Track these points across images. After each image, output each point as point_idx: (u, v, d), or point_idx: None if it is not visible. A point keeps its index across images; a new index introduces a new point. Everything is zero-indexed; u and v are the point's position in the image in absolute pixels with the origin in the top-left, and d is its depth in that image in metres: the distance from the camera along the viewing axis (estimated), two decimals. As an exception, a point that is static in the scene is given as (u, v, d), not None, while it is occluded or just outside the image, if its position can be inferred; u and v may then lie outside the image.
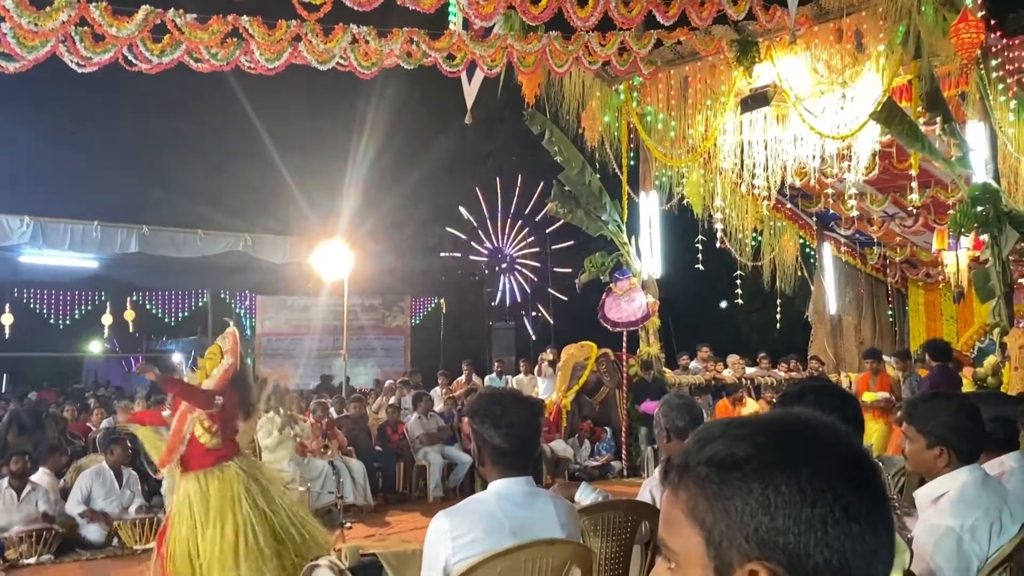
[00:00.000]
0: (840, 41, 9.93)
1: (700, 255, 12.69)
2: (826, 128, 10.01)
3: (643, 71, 11.08)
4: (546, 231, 23.76)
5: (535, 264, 24.51)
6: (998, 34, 9.22)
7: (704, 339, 13.80)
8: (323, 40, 8.03)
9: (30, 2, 6.64)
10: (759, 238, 14.27)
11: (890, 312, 16.98)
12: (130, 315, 17.87)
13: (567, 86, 11.37)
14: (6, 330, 16.75)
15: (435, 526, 2.56)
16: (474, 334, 23.24)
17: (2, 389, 20.16)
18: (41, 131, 20.55)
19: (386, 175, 21.32)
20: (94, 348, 23.95)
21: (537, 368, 13.37)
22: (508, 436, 2.61)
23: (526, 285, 24.65)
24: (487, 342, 22.76)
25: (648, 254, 12.22)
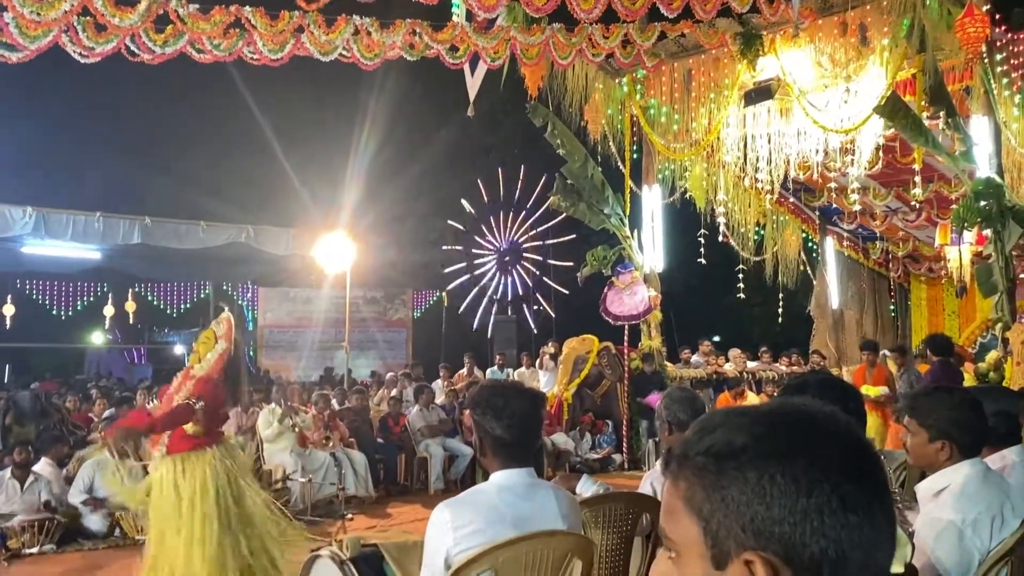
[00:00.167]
0: (844, 35, 9.90)
1: (702, 249, 12.69)
2: (829, 122, 9.99)
3: (647, 64, 11.06)
4: (548, 224, 23.72)
5: (537, 257, 24.47)
6: (1003, 28, 9.17)
7: (706, 333, 13.81)
8: (325, 31, 8.02)
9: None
10: (762, 232, 14.25)
11: (892, 307, 16.96)
12: (131, 306, 17.87)
13: (570, 79, 11.35)
14: (7, 321, 16.78)
15: (436, 517, 2.56)
16: (476, 327, 23.25)
17: (4, 380, 20.20)
18: (44, 122, 20.54)
19: (388, 168, 21.29)
20: (96, 339, 24.00)
21: (538, 361, 13.38)
22: (510, 427, 2.61)
23: (528, 278, 24.62)
24: (488, 335, 22.76)
25: (650, 248, 12.21)
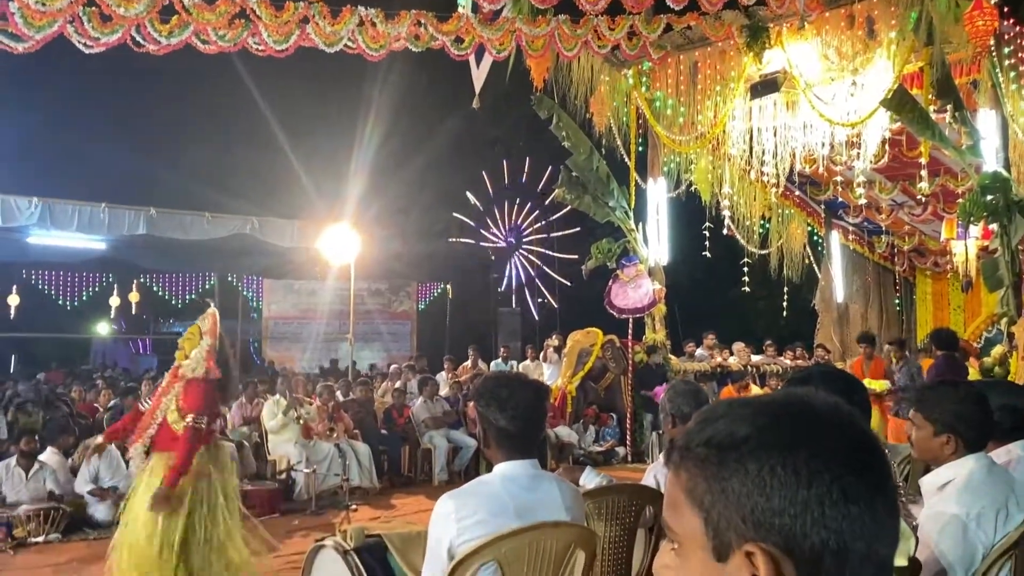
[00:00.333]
0: (851, 27, 9.85)
1: (707, 242, 12.67)
2: (836, 115, 9.95)
3: (652, 56, 11.01)
4: (553, 217, 23.71)
5: (541, 250, 24.47)
6: (1011, 21, 9.11)
7: (710, 326, 13.79)
8: (330, 22, 8.00)
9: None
10: (767, 225, 14.23)
11: (897, 301, 16.93)
12: (135, 297, 17.92)
13: (575, 71, 11.31)
14: (12, 311, 16.84)
15: (440, 508, 2.56)
16: (480, 319, 23.25)
17: (10, 370, 20.27)
18: (49, 112, 20.54)
19: (392, 160, 21.29)
20: (101, 329, 24.04)
21: (543, 354, 13.39)
22: (514, 419, 2.61)
23: (532, 271, 24.62)
24: (493, 328, 22.77)
25: (655, 241, 12.19)
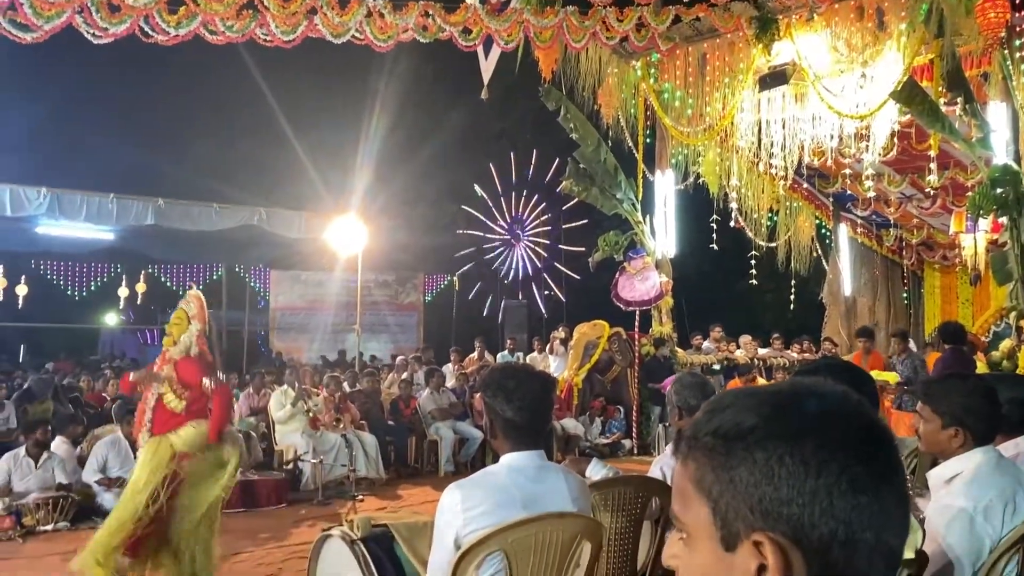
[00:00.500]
0: (861, 19, 9.79)
1: (715, 235, 12.63)
2: (845, 107, 9.90)
3: (661, 47, 10.97)
4: (560, 209, 23.68)
5: (548, 242, 24.45)
6: (1023, 13, 9.06)
7: (717, 319, 13.76)
8: (338, 13, 7.99)
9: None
10: (775, 218, 14.17)
11: (905, 294, 16.86)
12: (141, 287, 17.96)
13: (583, 62, 11.27)
14: (21, 301, 16.90)
15: (447, 498, 2.57)
16: (487, 311, 23.29)
17: (19, 360, 20.38)
18: (58, 103, 20.61)
19: (399, 151, 21.30)
20: (109, 320, 24.14)
21: (549, 346, 13.38)
22: (520, 410, 2.61)
23: (539, 263, 24.61)
24: (499, 320, 22.79)
25: (662, 233, 12.16)
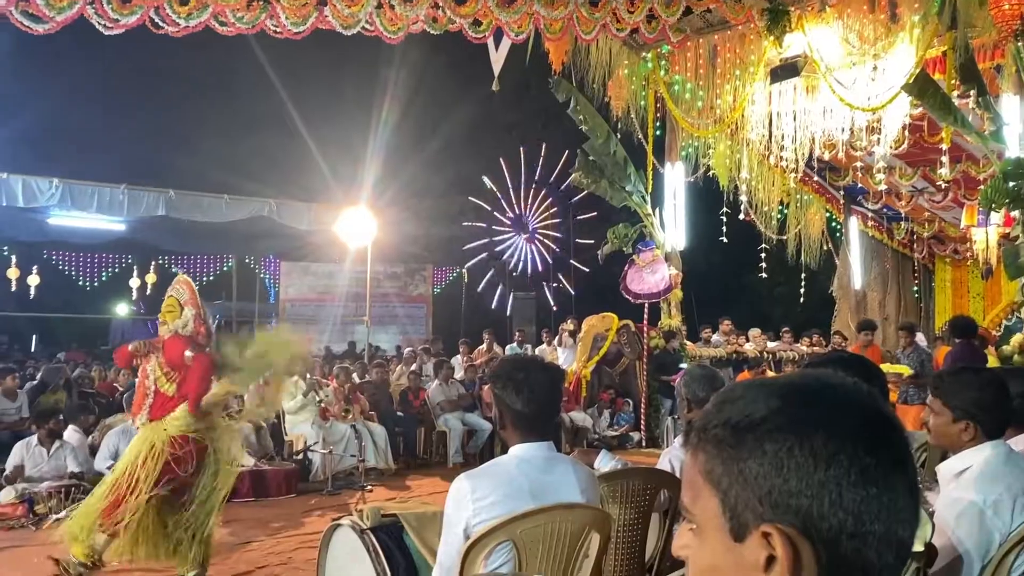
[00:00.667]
0: (873, 11, 9.73)
1: (725, 227, 12.59)
2: (856, 100, 9.84)
3: (671, 39, 10.93)
4: (569, 201, 23.63)
5: (557, 235, 24.41)
6: (1037, 5, 8.97)
7: (726, 312, 13.74)
8: (348, 4, 7.98)
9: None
10: (785, 211, 14.12)
11: (916, 288, 16.80)
12: (152, 278, 18.03)
13: (594, 54, 11.24)
14: (33, 291, 17.00)
15: (456, 488, 2.58)
16: (495, 303, 23.29)
17: (31, 349, 20.51)
18: (70, 94, 20.66)
19: (409, 143, 21.27)
20: (120, 310, 24.24)
21: (558, 338, 13.36)
22: (529, 401, 2.63)
23: (548, 255, 24.58)
24: (508, 312, 22.79)
25: (672, 226, 12.13)
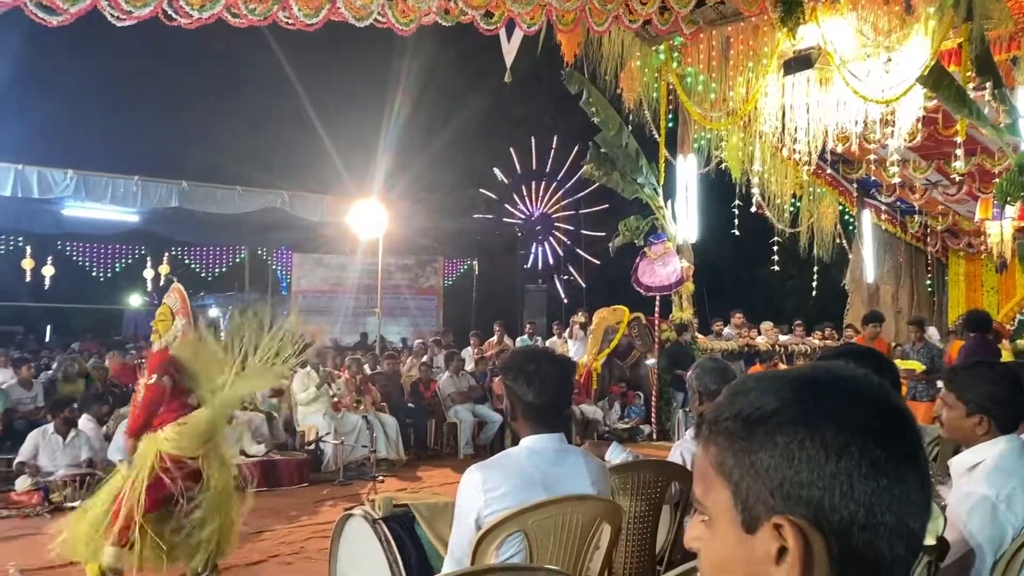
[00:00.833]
0: (888, 2, 9.64)
1: (737, 220, 12.54)
2: (870, 92, 9.77)
3: (684, 31, 10.87)
4: (580, 194, 23.60)
5: (568, 227, 24.38)
6: (1055, -3, 8.89)
7: (738, 305, 13.70)
8: (361, -4, 7.96)
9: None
10: (798, 204, 14.06)
11: (929, 282, 16.70)
12: (165, 269, 18.12)
13: (606, 45, 11.19)
14: (47, 281, 17.13)
15: (468, 479, 2.59)
16: (506, 296, 23.27)
17: (46, 339, 20.65)
18: (84, 86, 20.77)
19: (420, 136, 21.27)
20: (134, 301, 24.38)
21: (568, 331, 13.37)
22: (541, 393, 2.64)
23: (559, 248, 24.57)
24: (519, 304, 22.79)
25: (684, 218, 12.08)
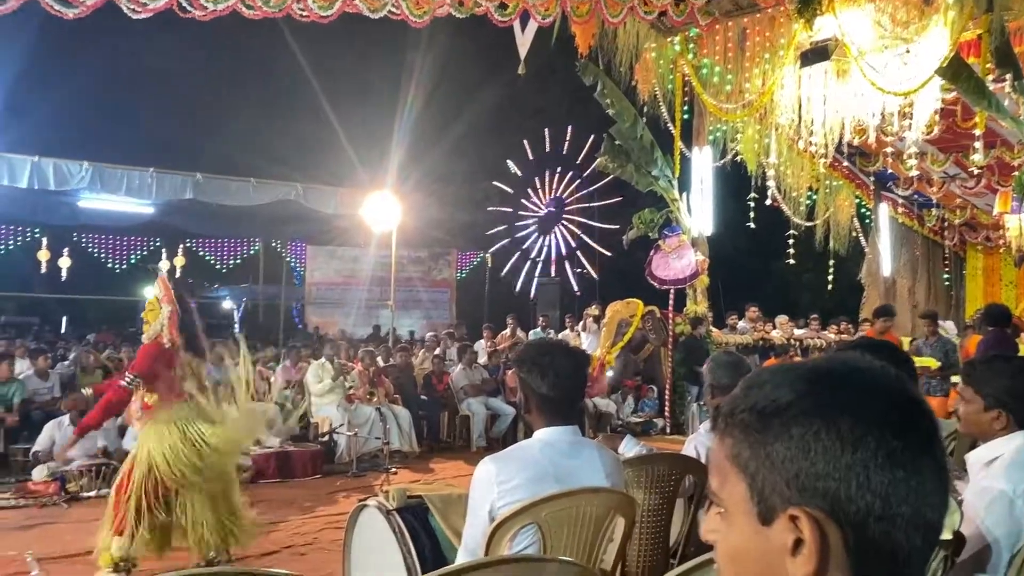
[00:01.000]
0: (906, -7, 9.55)
1: (752, 213, 12.47)
2: (888, 84, 9.68)
3: (700, 22, 10.81)
4: (594, 186, 23.53)
5: (582, 220, 24.33)
6: (1076, -13, 8.78)
7: (753, 299, 13.64)
8: (375, -13, 7.96)
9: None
10: (814, 197, 13.97)
11: (946, 276, 16.57)
12: (180, 261, 18.22)
13: (621, 37, 11.14)
14: (63, 273, 17.25)
15: (482, 471, 2.59)
16: (518, 289, 23.30)
17: (62, 330, 20.82)
18: (100, 78, 20.86)
19: (434, 128, 21.26)
20: (148, 292, 24.51)
21: (581, 324, 13.36)
22: (554, 385, 2.63)
23: (572, 241, 24.52)
24: (532, 297, 22.78)
25: (699, 211, 12.01)
